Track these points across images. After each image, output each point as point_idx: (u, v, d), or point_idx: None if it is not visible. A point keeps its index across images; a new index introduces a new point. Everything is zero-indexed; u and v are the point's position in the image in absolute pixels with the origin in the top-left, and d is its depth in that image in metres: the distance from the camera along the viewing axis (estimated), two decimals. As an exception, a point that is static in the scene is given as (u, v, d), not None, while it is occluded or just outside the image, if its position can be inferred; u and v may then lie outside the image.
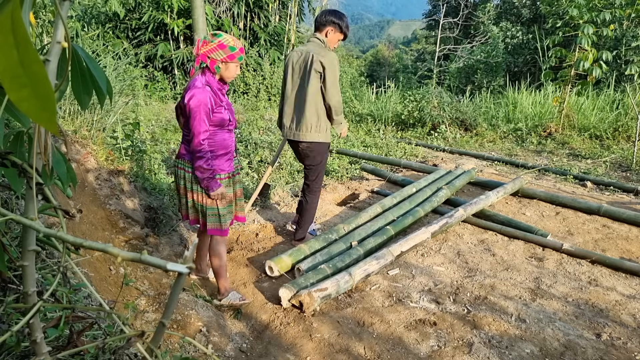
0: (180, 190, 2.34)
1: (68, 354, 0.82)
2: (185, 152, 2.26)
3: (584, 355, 2.01)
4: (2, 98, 0.64)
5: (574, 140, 6.39)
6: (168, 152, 4.93)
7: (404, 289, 2.58)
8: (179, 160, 2.31)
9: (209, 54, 2.11)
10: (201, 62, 2.13)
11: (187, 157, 2.25)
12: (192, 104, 2.07)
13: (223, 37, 2.11)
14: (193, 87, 2.11)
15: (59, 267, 0.82)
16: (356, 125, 8.15)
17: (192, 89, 2.10)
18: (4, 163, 0.69)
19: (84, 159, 2.91)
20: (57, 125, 0.46)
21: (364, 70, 22.33)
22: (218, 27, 10.21)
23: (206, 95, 2.10)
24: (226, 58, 2.12)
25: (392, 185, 4.55)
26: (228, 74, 2.19)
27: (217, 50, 2.10)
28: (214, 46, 2.09)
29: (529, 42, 14.11)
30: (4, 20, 0.38)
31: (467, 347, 2.07)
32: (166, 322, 0.64)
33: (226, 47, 2.10)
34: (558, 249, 3.00)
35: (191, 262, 0.54)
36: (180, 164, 2.29)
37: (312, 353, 2.06)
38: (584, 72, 6.29)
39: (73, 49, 0.72)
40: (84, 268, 1.88)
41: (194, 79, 2.15)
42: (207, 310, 2.23)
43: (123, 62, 5.46)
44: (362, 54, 47.55)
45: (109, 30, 9.89)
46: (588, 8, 6.32)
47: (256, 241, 3.25)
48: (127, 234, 2.76)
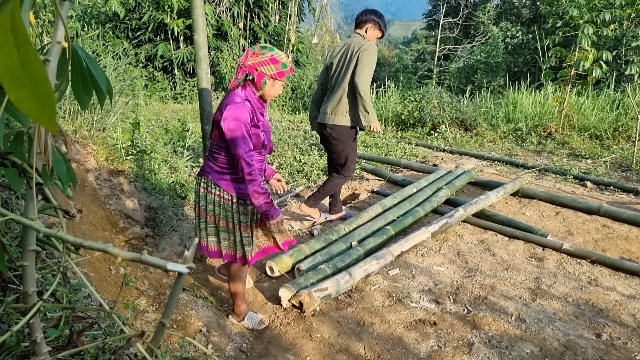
0: (201, 214, 2.09)
1: (68, 354, 0.82)
2: (210, 170, 2.02)
3: (584, 355, 2.01)
4: (2, 98, 0.64)
5: (574, 140, 6.39)
6: (168, 152, 4.93)
7: (404, 289, 2.58)
8: (201, 178, 2.05)
9: (258, 67, 1.91)
10: (247, 73, 1.93)
11: (212, 175, 2.01)
12: (231, 125, 1.86)
13: (275, 52, 1.93)
14: (232, 102, 1.89)
15: (59, 267, 0.82)
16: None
17: (231, 105, 1.88)
18: (4, 163, 0.69)
19: (84, 159, 2.91)
20: (57, 125, 0.46)
21: (364, 70, 22.26)
22: (218, 27, 10.22)
23: (246, 111, 1.89)
24: (276, 74, 1.93)
25: (392, 185, 4.55)
26: (272, 92, 2.00)
27: (269, 65, 1.91)
28: (266, 59, 1.91)
29: (529, 42, 14.11)
30: (3, 20, 0.38)
31: (467, 347, 2.07)
32: (166, 322, 0.64)
33: (278, 63, 1.92)
34: (558, 249, 3.00)
35: (191, 262, 0.54)
36: (203, 182, 2.04)
37: (312, 353, 2.06)
38: (584, 72, 6.29)
39: (73, 49, 0.72)
40: (84, 268, 1.88)
41: (233, 93, 1.93)
42: (207, 310, 2.23)
43: (123, 62, 5.46)
44: (362, 54, 47.40)
45: (109, 30, 9.89)
46: (588, 8, 6.31)
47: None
48: (127, 234, 2.76)
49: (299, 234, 3.42)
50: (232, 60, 10.13)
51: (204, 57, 2.50)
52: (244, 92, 1.94)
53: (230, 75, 9.93)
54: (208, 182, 2.03)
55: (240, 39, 10.56)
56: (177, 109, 7.98)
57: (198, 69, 2.52)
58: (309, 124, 6.83)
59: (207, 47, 2.54)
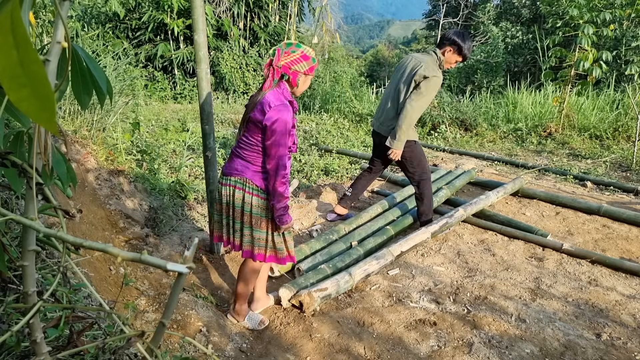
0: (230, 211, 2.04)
1: (68, 354, 0.82)
2: (246, 169, 1.96)
3: (584, 355, 2.01)
4: (2, 98, 0.64)
5: (574, 140, 6.39)
6: (168, 152, 4.93)
7: (404, 289, 2.58)
8: (233, 178, 1.98)
9: (292, 65, 1.89)
10: (283, 74, 1.90)
11: (247, 174, 1.96)
12: (280, 127, 1.83)
13: (304, 48, 1.91)
14: (277, 105, 1.85)
15: (59, 267, 0.82)
16: (356, 125, 8.14)
17: (277, 106, 1.84)
18: (4, 163, 0.69)
19: (84, 159, 2.92)
20: (57, 125, 0.46)
21: (364, 70, 22.31)
22: (218, 27, 10.22)
23: (290, 114, 1.87)
24: (308, 70, 1.93)
25: (392, 185, 4.55)
26: (303, 88, 2.01)
27: (301, 62, 1.90)
28: (298, 57, 1.89)
29: (529, 42, 14.12)
30: (3, 20, 0.38)
31: (467, 347, 2.07)
32: (166, 322, 0.64)
33: (309, 59, 1.92)
34: (558, 249, 3.00)
35: (191, 262, 0.54)
36: (237, 182, 1.98)
37: (312, 353, 2.06)
38: (584, 72, 6.29)
39: (73, 49, 0.72)
40: (84, 268, 1.88)
41: (271, 94, 1.89)
42: (207, 310, 2.23)
43: (123, 62, 5.46)
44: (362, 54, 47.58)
45: (109, 30, 9.89)
46: (588, 8, 6.31)
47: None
48: (127, 234, 2.76)
49: (299, 233, 3.42)
50: (232, 60, 10.14)
51: (204, 57, 2.50)
52: (281, 93, 1.91)
53: (230, 75, 9.93)
54: (245, 182, 1.96)
55: (240, 39, 10.56)
56: (177, 109, 7.98)
57: (198, 69, 2.52)
58: (309, 124, 6.83)
59: (207, 47, 2.54)
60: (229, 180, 2.01)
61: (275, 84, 1.91)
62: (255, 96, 1.95)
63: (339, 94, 9.50)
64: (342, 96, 9.42)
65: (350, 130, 7.16)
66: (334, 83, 10.50)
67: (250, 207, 1.98)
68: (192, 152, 5.08)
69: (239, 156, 2.00)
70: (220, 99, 9.68)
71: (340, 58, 17.73)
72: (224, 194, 2.04)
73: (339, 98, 9.41)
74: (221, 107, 8.61)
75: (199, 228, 3.39)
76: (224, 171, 2.05)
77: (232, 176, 2.00)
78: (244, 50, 10.64)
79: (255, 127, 1.91)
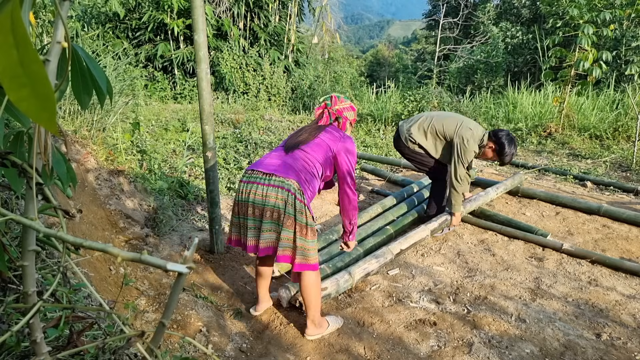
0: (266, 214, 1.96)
1: (68, 354, 0.82)
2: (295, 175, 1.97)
3: (584, 355, 2.01)
4: (2, 98, 0.64)
5: (574, 140, 6.39)
6: (168, 152, 4.93)
7: (404, 289, 2.58)
8: (282, 179, 1.94)
9: (344, 112, 2.28)
10: (338, 117, 2.27)
11: (297, 179, 1.97)
12: (352, 159, 2.18)
13: (350, 101, 2.34)
14: (347, 138, 2.20)
15: (59, 267, 0.82)
16: (356, 125, 8.14)
17: (350, 141, 2.19)
18: (4, 163, 0.69)
19: (84, 159, 2.92)
20: (57, 125, 0.46)
21: (364, 70, 22.34)
22: (218, 27, 10.22)
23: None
24: (353, 120, 2.35)
25: (392, 185, 4.55)
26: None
27: (350, 111, 2.32)
28: (348, 106, 2.31)
29: (529, 42, 14.12)
30: (3, 20, 0.38)
31: (467, 347, 2.07)
32: (166, 322, 0.64)
33: (355, 111, 2.35)
34: (558, 249, 3.00)
35: (191, 262, 0.54)
36: (285, 184, 1.93)
37: (312, 353, 2.06)
38: (584, 72, 6.28)
39: (73, 49, 0.72)
40: (84, 268, 1.88)
41: (333, 128, 2.23)
42: (207, 310, 2.23)
43: (123, 62, 5.46)
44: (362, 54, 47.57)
45: (109, 30, 9.89)
46: (588, 8, 6.31)
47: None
48: (127, 234, 2.76)
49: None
50: (232, 60, 10.14)
51: (204, 57, 2.50)
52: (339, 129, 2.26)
53: (230, 75, 9.93)
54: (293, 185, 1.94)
55: (240, 39, 10.56)
56: (177, 109, 7.98)
57: (198, 69, 2.52)
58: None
59: (207, 47, 2.54)
60: (274, 180, 1.95)
61: (331, 122, 2.26)
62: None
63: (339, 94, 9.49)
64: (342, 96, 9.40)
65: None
66: (334, 83, 10.50)
67: (294, 210, 1.94)
68: (192, 152, 5.08)
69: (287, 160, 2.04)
70: (220, 99, 9.68)
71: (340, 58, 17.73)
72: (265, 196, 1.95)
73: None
74: (221, 107, 8.62)
75: (199, 228, 3.40)
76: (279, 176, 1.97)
77: (278, 176, 1.96)
78: (244, 50, 10.63)
79: (322, 151, 2.12)
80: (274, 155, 2.09)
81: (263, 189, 1.95)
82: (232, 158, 4.94)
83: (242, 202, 2.02)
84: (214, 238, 2.95)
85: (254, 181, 1.99)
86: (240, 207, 2.04)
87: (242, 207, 2.02)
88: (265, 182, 1.96)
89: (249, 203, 1.98)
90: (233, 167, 4.76)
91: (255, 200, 1.96)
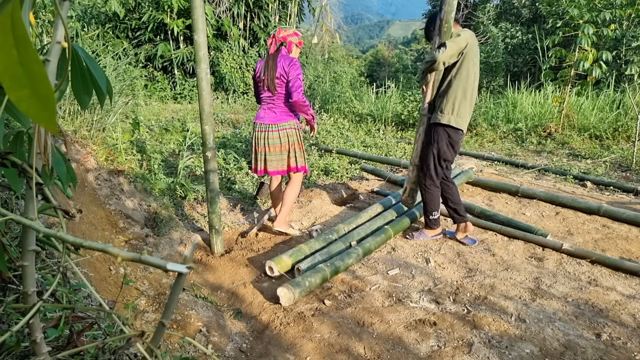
0: (276, 149, 3.03)
1: (68, 354, 0.82)
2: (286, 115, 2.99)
3: (584, 355, 2.01)
4: (2, 98, 0.64)
5: (573, 140, 6.39)
6: (168, 152, 4.94)
7: (404, 289, 2.58)
8: (283, 124, 2.98)
9: (288, 37, 2.92)
10: (283, 42, 2.93)
11: (291, 118, 3.00)
12: (298, 71, 2.84)
13: (293, 29, 3.00)
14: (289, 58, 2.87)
15: (59, 267, 0.82)
16: (356, 125, 8.14)
17: (291, 60, 2.87)
18: (4, 163, 0.69)
19: (84, 159, 2.91)
20: (57, 125, 0.46)
21: (364, 70, 22.33)
22: (218, 27, 10.22)
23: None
24: (298, 42, 3.00)
25: (392, 185, 4.55)
26: (295, 56, 3.03)
27: (294, 36, 2.96)
28: (291, 32, 2.94)
29: (529, 42, 14.10)
30: (3, 20, 0.38)
31: (467, 347, 2.07)
32: (166, 322, 0.64)
33: (299, 35, 3.00)
34: (558, 249, 3.00)
35: (191, 262, 0.54)
36: (286, 126, 2.99)
37: (312, 353, 2.06)
38: (584, 72, 6.28)
39: (73, 49, 0.72)
40: (84, 268, 1.88)
41: (281, 55, 2.90)
42: (207, 310, 2.23)
43: (123, 62, 5.46)
44: (362, 54, 47.57)
45: (109, 30, 9.89)
46: (588, 8, 6.31)
47: (256, 241, 3.25)
48: (127, 234, 2.76)
49: (299, 234, 3.42)
50: (232, 60, 10.14)
51: (204, 57, 2.50)
52: (285, 53, 2.92)
53: (230, 75, 9.93)
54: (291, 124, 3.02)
55: (240, 39, 10.56)
56: (177, 109, 7.98)
57: (198, 69, 2.52)
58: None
59: (207, 47, 2.54)
60: (276, 126, 3.00)
61: (277, 49, 2.91)
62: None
63: (339, 94, 9.50)
64: (342, 96, 9.42)
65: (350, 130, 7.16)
66: (333, 83, 10.50)
67: (296, 137, 3.07)
68: (192, 152, 5.08)
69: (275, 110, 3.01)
70: (220, 99, 9.68)
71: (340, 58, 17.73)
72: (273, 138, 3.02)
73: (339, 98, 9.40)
74: (221, 107, 8.61)
75: (199, 228, 3.40)
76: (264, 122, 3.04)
77: (278, 122, 2.99)
78: (243, 50, 10.63)
79: (281, 80, 2.88)
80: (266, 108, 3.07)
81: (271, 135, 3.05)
82: (232, 158, 4.94)
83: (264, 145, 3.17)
84: (213, 238, 2.95)
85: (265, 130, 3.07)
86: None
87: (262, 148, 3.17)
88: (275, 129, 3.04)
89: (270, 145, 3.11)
90: (233, 167, 4.76)
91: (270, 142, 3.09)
